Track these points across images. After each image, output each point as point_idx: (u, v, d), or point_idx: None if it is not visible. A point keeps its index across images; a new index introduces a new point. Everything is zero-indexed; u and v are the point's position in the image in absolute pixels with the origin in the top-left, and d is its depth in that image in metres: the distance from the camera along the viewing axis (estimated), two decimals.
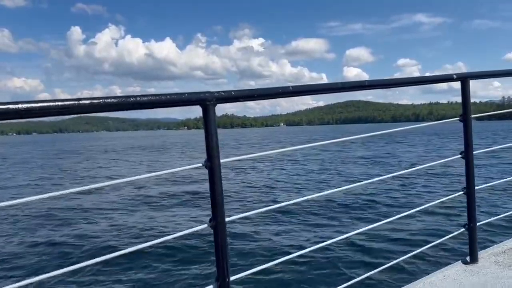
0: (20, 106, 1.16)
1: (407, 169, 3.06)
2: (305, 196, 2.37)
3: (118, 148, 52.93)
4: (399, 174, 2.61)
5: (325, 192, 2.23)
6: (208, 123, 1.52)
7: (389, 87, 2.24)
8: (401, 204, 10.74)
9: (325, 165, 21.71)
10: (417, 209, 2.65)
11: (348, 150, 30.76)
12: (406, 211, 2.56)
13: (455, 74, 2.33)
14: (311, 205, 10.51)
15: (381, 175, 2.85)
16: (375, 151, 30.07)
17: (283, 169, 20.69)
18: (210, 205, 1.53)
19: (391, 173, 2.61)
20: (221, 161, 1.55)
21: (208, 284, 1.55)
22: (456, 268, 2.35)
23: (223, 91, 1.60)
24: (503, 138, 39.41)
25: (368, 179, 2.47)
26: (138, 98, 1.40)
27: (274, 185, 15.54)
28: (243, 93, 1.67)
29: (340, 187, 2.29)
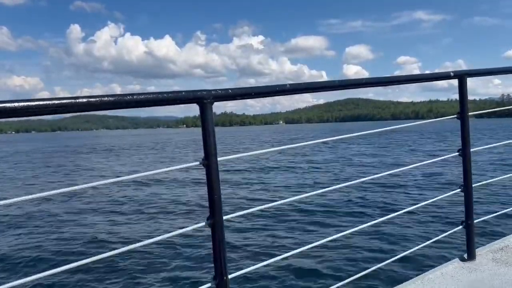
0: (16, 104, 1.16)
1: (405, 166, 3.05)
2: (303, 194, 2.39)
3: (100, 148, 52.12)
4: (396, 172, 2.61)
5: (323, 190, 2.24)
6: (206, 122, 1.51)
7: (387, 85, 2.25)
8: (398, 202, 10.76)
9: (324, 163, 21.72)
10: (415, 206, 2.65)
11: (346, 148, 30.79)
12: (403, 209, 2.57)
13: (453, 71, 2.33)
14: (309, 203, 10.51)
15: (379, 173, 2.85)
16: (372, 149, 30.09)
17: (281, 167, 20.68)
18: (208, 204, 1.54)
19: (388, 170, 2.61)
20: (219, 159, 1.55)
21: (206, 282, 1.55)
22: (454, 265, 2.35)
23: (220, 89, 1.60)
24: (489, 138, 38.94)
25: (366, 177, 2.48)
26: (134, 97, 1.41)
27: (271, 183, 15.53)
28: (241, 91, 1.67)
29: (338, 185, 2.29)
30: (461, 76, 2.35)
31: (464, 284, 2.12)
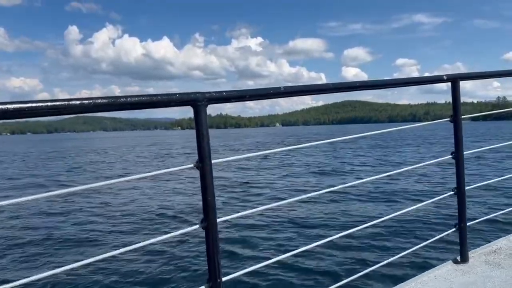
0: (9, 106, 1.16)
1: (398, 169, 3.07)
2: (296, 197, 2.39)
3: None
4: (389, 175, 2.62)
5: (316, 193, 2.25)
6: (200, 124, 1.52)
7: (381, 88, 2.26)
8: (391, 205, 10.76)
9: (317, 166, 21.73)
10: (408, 209, 2.66)
11: (340, 151, 30.84)
12: (396, 212, 2.57)
13: (445, 75, 2.36)
14: (303, 206, 10.51)
15: (371, 176, 2.84)
16: (365, 151, 30.18)
17: (274, 169, 20.68)
18: (202, 206, 1.54)
19: (381, 173, 2.63)
20: (213, 161, 1.55)
21: (199, 285, 1.54)
22: (447, 268, 2.37)
23: (214, 92, 1.61)
24: (483, 141, 38.63)
25: (359, 180, 2.49)
26: (128, 99, 1.41)
27: (266, 185, 15.52)
28: (235, 94, 1.68)
29: (330, 187, 2.30)
30: (454, 80, 2.38)
31: (457, 286, 2.13)
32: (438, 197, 2.68)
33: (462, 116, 2.41)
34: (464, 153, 2.45)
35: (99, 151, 46.92)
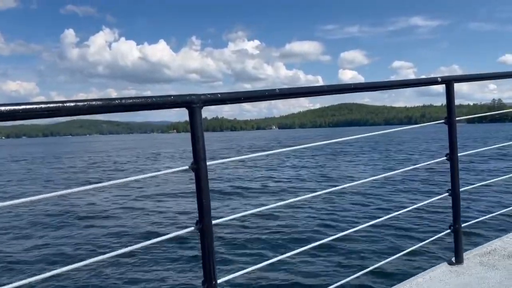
0: (2, 108, 1.15)
1: (393, 171, 3.10)
2: (291, 198, 2.41)
3: None
4: (384, 176, 2.64)
5: (311, 195, 2.25)
6: (195, 126, 1.52)
7: (376, 90, 2.27)
8: (386, 206, 10.79)
9: (312, 168, 21.75)
10: (403, 211, 2.67)
11: (335, 152, 30.89)
12: (391, 213, 2.58)
13: (440, 77, 2.37)
14: (298, 207, 10.53)
15: (366, 178, 2.86)
16: (362, 153, 30.25)
17: (269, 171, 20.69)
18: (197, 208, 1.54)
19: (376, 175, 2.64)
20: (208, 163, 1.55)
21: (195, 287, 1.54)
22: (442, 269, 2.37)
23: (210, 94, 1.61)
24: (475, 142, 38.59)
25: (354, 182, 2.50)
26: (123, 101, 1.40)
27: (260, 187, 15.52)
28: (230, 96, 1.68)
29: (325, 189, 2.30)
30: (448, 82, 2.39)
31: (452, 287, 2.14)
32: (433, 199, 2.70)
33: (457, 118, 2.43)
34: (459, 154, 2.47)
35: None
